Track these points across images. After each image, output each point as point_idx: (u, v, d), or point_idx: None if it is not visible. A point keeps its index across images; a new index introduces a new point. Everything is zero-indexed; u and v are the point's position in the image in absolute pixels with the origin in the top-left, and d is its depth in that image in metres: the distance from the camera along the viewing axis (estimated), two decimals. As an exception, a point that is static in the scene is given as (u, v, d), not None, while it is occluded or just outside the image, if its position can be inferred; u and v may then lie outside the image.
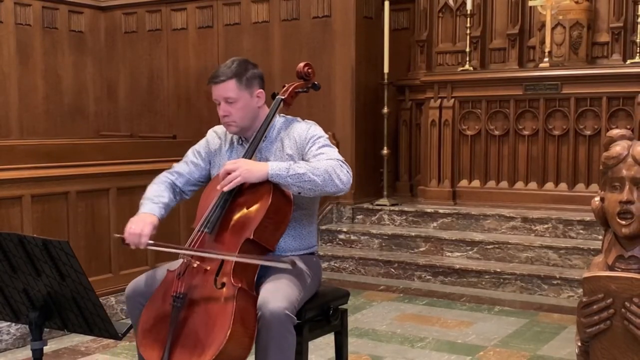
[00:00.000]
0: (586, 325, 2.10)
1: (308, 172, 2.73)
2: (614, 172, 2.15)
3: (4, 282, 2.33)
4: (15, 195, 4.49)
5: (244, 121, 2.97)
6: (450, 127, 6.91)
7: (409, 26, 7.86)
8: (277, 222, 2.81)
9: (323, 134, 2.99)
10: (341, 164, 2.82)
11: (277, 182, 2.74)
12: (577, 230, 6.07)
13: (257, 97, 2.99)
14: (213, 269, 2.70)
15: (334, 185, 2.77)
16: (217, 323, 2.58)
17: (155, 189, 3.05)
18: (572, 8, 6.71)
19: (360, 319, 5.04)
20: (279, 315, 2.60)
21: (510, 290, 5.75)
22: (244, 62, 3.01)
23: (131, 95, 8.73)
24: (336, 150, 2.94)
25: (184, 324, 2.64)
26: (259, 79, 3.00)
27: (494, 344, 4.50)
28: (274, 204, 2.75)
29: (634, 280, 2.01)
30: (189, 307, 2.66)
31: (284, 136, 3.00)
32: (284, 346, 2.64)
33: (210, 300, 2.65)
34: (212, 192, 2.90)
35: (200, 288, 2.69)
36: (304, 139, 2.95)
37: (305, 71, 3.14)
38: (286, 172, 2.72)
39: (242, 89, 2.93)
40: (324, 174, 2.74)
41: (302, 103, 6.94)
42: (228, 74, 2.92)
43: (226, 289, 2.64)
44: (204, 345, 2.56)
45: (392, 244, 6.58)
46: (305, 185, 2.74)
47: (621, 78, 6.24)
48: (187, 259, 2.76)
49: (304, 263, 2.96)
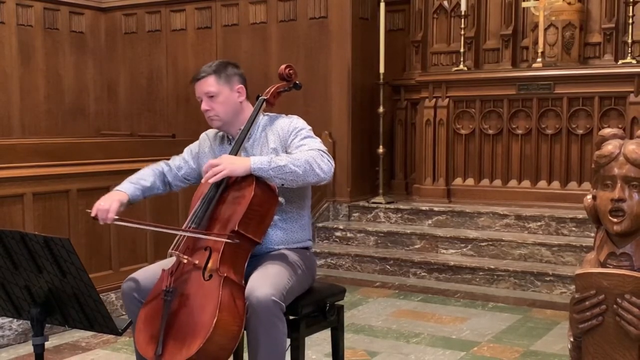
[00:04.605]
0: (578, 321, 2.11)
1: (289, 164, 2.79)
2: (606, 171, 2.14)
3: (6, 279, 2.34)
4: (17, 193, 4.53)
5: (226, 115, 3.06)
6: (444, 126, 6.93)
7: (404, 27, 7.85)
8: (262, 214, 2.86)
9: (305, 126, 3.07)
10: (322, 154, 2.87)
11: (260, 175, 2.81)
12: (569, 227, 6.10)
13: (238, 92, 3.08)
14: (201, 261, 2.76)
15: (315, 175, 2.83)
16: (204, 313, 2.64)
17: (142, 172, 3.20)
18: (565, 9, 6.72)
19: (357, 315, 5.07)
20: (266, 302, 2.65)
21: (503, 286, 5.79)
22: (225, 62, 3.13)
23: (131, 95, 8.76)
24: (318, 140, 3.00)
25: (175, 317, 2.70)
26: (238, 76, 3.10)
27: (488, 340, 4.52)
28: (257, 196, 2.81)
29: (626, 277, 2.02)
30: (179, 300, 2.72)
31: (268, 132, 3.08)
32: (274, 333, 2.69)
33: (199, 291, 2.71)
34: (202, 190, 2.98)
35: (189, 281, 2.76)
36: (287, 131, 3.03)
37: (287, 72, 3.22)
38: (268, 165, 2.79)
39: (221, 83, 3.04)
40: (304, 164, 2.80)
41: (299, 102, 7.01)
42: (208, 71, 3.05)
43: (212, 280, 2.70)
44: (192, 334, 2.61)
45: (387, 241, 6.62)
46: (287, 176, 2.80)
47: (613, 78, 6.26)
48: (176, 254, 2.83)
49: (296, 255, 3.01)
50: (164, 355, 2.64)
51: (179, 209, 5.32)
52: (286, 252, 3.00)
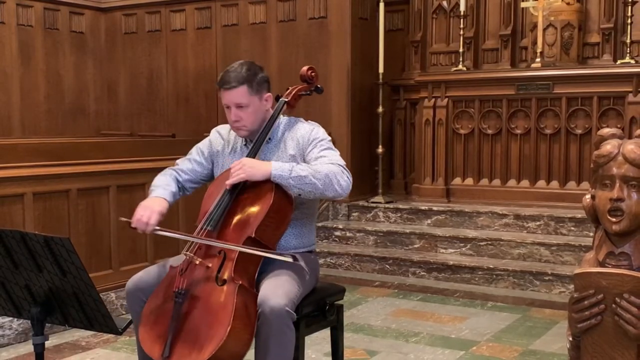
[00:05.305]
0: (577, 320, 2.11)
1: (310, 175, 2.77)
2: (605, 170, 2.15)
3: (7, 278, 2.34)
4: (18, 193, 4.53)
5: (254, 125, 3.00)
6: (444, 126, 6.95)
7: (403, 27, 7.87)
8: (278, 222, 2.84)
9: (326, 136, 3.02)
10: (342, 170, 2.84)
11: (279, 182, 2.78)
12: (568, 227, 6.11)
13: (266, 101, 3.03)
14: (215, 266, 2.73)
15: (333, 190, 2.80)
16: (218, 319, 2.61)
17: (163, 179, 3.11)
18: (564, 9, 6.74)
19: (356, 315, 5.07)
20: (279, 311, 2.63)
21: (502, 286, 5.80)
22: (253, 66, 3.02)
23: (131, 94, 8.77)
24: (338, 153, 2.96)
25: (185, 320, 2.67)
26: (266, 83, 3.03)
27: (487, 339, 4.53)
28: (275, 204, 2.78)
29: (624, 276, 2.03)
30: (190, 303, 2.69)
31: (287, 137, 3.03)
32: (284, 342, 2.67)
33: (211, 296, 2.68)
34: (215, 191, 2.94)
35: (202, 285, 2.72)
36: (307, 140, 2.98)
37: (309, 75, 3.19)
38: (289, 173, 2.76)
39: (252, 94, 2.95)
40: (325, 178, 2.77)
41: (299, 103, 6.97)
42: (240, 80, 2.93)
43: (227, 286, 2.68)
44: (204, 340, 2.59)
45: (387, 241, 6.64)
46: (306, 187, 2.78)
47: (611, 78, 6.27)
48: (189, 256, 2.79)
49: (303, 260, 3.00)
50: (172, 357, 2.62)
51: (179, 210, 5.32)
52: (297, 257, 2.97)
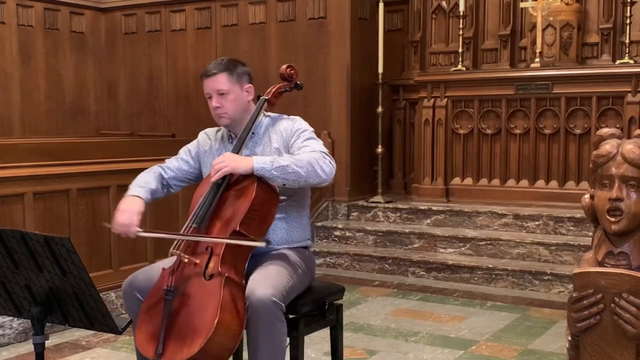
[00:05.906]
0: (576, 319, 2.12)
1: (291, 164, 2.82)
2: (604, 170, 2.15)
3: (7, 278, 2.34)
4: (18, 193, 4.54)
5: (235, 114, 3.08)
6: (443, 126, 6.96)
7: (402, 27, 7.88)
8: (263, 214, 2.88)
9: (308, 127, 3.10)
10: (324, 156, 2.90)
11: (262, 175, 2.83)
12: (567, 227, 6.12)
13: (247, 92, 3.11)
14: (202, 262, 2.78)
15: (317, 176, 2.86)
16: (206, 312, 2.64)
17: (144, 176, 3.17)
18: (563, 9, 6.74)
19: (356, 314, 5.08)
20: (266, 302, 2.66)
21: (502, 285, 5.81)
22: (233, 59, 3.16)
23: (131, 94, 8.78)
24: (320, 142, 3.03)
25: (176, 317, 2.71)
26: (247, 75, 3.13)
27: (486, 339, 4.53)
28: (258, 196, 2.83)
29: (623, 275, 2.03)
30: (180, 300, 2.73)
31: (271, 131, 3.11)
32: (274, 333, 2.70)
33: (200, 291, 2.72)
34: (202, 190, 2.99)
35: (190, 281, 2.77)
36: (290, 132, 3.06)
37: (288, 72, 3.25)
38: (270, 165, 2.81)
39: (233, 82, 3.06)
40: (307, 165, 2.83)
41: (299, 102, 7.04)
42: (220, 68, 3.06)
43: (214, 280, 2.72)
44: (194, 334, 2.62)
45: (386, 241, 6.64)
46: (290, 177, 2.82)
47: (611, 78, 6.28)
48: (177, 254, 2.84)
49: (296, 254, 3.03)
50: (165, 354, 2.65)
51: (179, 210, 5.33)
52: (286, 252, 3.02)
